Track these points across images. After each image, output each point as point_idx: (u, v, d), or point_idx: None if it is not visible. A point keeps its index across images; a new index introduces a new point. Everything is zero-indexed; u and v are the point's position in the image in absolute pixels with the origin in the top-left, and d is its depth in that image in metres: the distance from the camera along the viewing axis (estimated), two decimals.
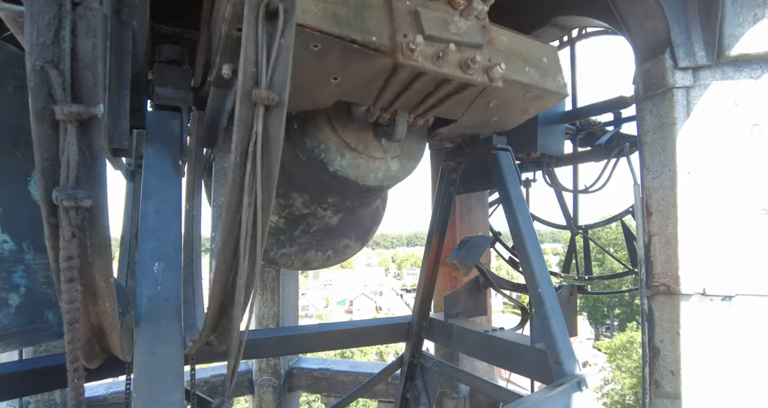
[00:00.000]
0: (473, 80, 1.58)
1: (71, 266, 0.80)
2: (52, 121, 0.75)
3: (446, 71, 1.52)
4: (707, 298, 2.11)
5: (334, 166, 1.91)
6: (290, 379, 4.88)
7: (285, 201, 2.32)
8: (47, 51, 0.72)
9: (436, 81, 1.63)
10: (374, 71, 1.52)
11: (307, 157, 1.94)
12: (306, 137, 1.91)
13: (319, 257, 2.59)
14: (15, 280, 1.33)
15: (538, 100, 1.98)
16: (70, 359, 0.84)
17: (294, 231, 2.41)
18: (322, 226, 2.47)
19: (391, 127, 1.89)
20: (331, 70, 1.47)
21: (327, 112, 1.91)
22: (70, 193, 0.76)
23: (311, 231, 2.46)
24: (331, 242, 2.61)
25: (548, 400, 1.85)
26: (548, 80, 1.91)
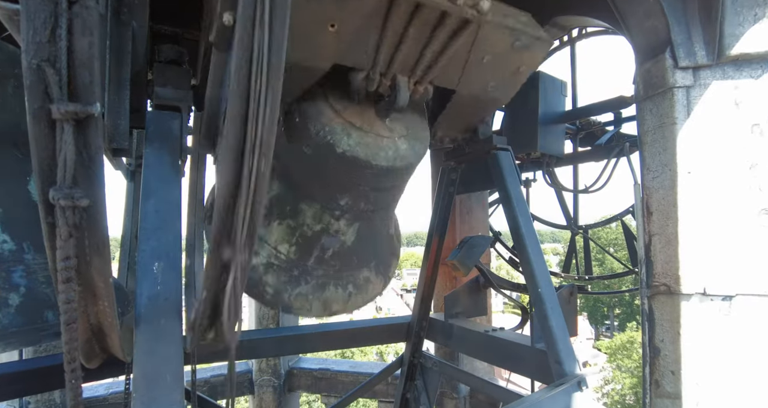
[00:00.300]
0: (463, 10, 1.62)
1: (68, 266, 0.80)
2: (49, 120, 0.75)
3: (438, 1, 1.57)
4: (708, 298, 2.10)
5: (342, 147, 1.85)
6: (290, 379, 4.88)
7: (294, 221, 2.13)
8: (43, 49, 0.72)
9: (432, 19, 1.67)
10: (371, 8, 1.55)
11: (313, 145, 1.89)
12: (309, 124, 1.87)
13: (339, 295, 2.32)
14: (15, 279, 1.33)
15: (528, 51, 2.01)
16: (67, 360, 0.84)
17: (308, 259, 2.19)
18: (338, 249, 2.24)
19: (392, 94, 1.88)
20: (328, 12, 1.48)
21: (326, 97, 1.90)
22: (67, 193, 0.76)
23: (326, 257, 2.22)
24: (350, 273, 2.36)
25: (548, 400, 1.85)
26: (532, 28, 1.97)
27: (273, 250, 2.14)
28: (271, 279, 2.14)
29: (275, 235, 2.15)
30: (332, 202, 2.11)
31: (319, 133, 1.86)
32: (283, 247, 2.14)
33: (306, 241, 2.16)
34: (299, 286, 2.18)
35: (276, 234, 2.15)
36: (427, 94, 2.05)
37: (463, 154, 2.71)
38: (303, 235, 2.15)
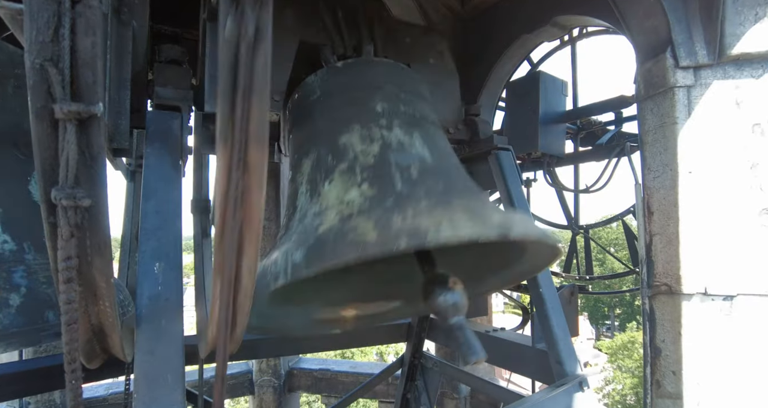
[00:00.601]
0: None
1: (70, 266, 0.80)
2: (52, 119, 0.75)
3: None
4: (709, 298, 2.10)
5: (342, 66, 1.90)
6: (290, 380, 4.88)
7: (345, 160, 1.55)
8: (46, 49, 0.72)
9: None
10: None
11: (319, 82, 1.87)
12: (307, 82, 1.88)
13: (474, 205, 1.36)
14: (15, 280, 1.32)
15: None
16: (68, 360, 0.84)
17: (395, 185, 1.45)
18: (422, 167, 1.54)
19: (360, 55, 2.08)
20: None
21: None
22: (69, 193, 0.76)
23: (415, 177, 1.48)
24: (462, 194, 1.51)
25: (549, 401, 1.85)
26: None
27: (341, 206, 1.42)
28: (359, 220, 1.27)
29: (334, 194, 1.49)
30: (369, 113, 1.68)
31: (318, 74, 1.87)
32: (352, 193, 1.44)
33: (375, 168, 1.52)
34: (409, 207, 1.29)
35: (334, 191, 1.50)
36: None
37: (463, 154, 2.70)
38: (365, 164, 1.53)
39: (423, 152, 1.60)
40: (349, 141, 1.59)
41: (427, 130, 1.74)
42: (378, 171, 1.49)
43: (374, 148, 1.56)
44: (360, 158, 1.54)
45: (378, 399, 4.83)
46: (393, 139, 1.60)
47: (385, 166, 1.51)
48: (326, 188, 1.52)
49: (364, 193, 1.42)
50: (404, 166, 1.51)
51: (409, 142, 1.61)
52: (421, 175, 1.49)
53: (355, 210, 1.36)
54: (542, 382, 2.32)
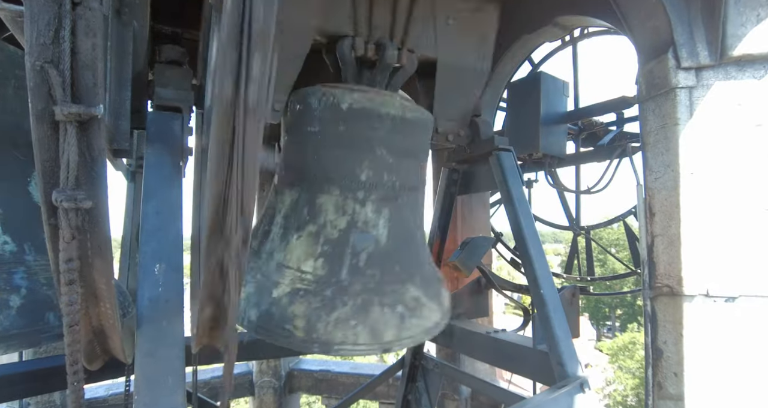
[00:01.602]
0: None
1: (71, 268, 0.80)
2: (52, 121, 0.75)
3: None
4: (710, 300, 2.09)
5: (347, 102, 1.84)
6: (291, 381, 4.87)
7: (315, 224, 1.83)
8: (47, 51, 0.72)
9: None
10: None
11: (318, 117, 1.86)
12: (310, 100, 1.88)
13: (389, 317, 1.80)
14: (16, 281, 1.32)
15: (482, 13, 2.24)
16: (69, 362, 0.84)
17: (340, 271, 1.80)
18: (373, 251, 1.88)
19: (379, 56, 2.01)
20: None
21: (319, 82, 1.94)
22: (70, 195, 0.76)
23: (362, 264, 1.84)
24: (394, 288, 1.91)
25: (550, 402, 1.84)
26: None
27: (297, 273, 1.78)
28: (300, 309, 1.69)
29: (296, 253, 1.82)
30: (352, 180, 1.87)
31: (321, 99, 1.85)
32: (308, 264, 1.79)
33: (334, 247, 1.83)
34: (336, 310, 1.71)
35: (297, 251, 1.82)
36: (412, 63, 2.13)
37: (464, 154, 2.70)
38: (328, 238, 1.83)
39: (382, 234, 1.93)
40: (325, 205, 1.86)
41: (399, 205, 2.01)
42: (336, 250, 1.84)
43: (342, 223, 1.85)
44: (327, 228, 1.84)
45: (379, 400, 4.82)
46: (361, 218, 1.88)
47: (343, 246, 1.85)
48: (294, 241, 1.86)
49: (316, 270, 1.80)
50: (357, 252, 1.86)
51: (374, 222, 1.91)
52: (367, 262, 1.87)
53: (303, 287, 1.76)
54: (543, 384, 2.31)
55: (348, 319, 1.72)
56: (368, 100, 1.88)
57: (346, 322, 1.71)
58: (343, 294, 1.76)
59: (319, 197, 1.86)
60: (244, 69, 0.79)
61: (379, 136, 1.89)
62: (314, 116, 1.86)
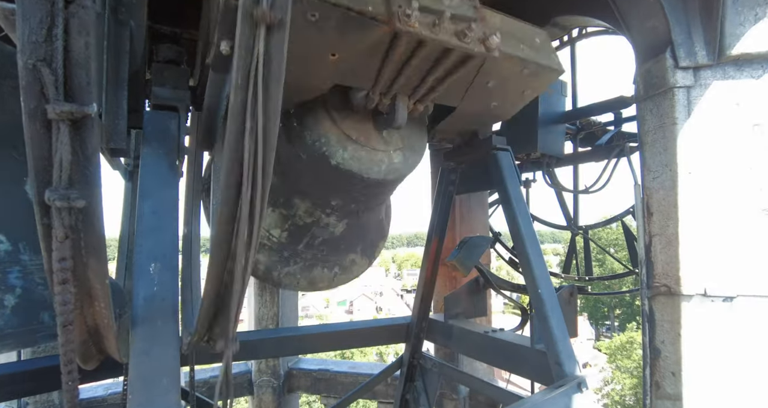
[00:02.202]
0: (470, 49, 1.58)
1: (64, 268, 0.79)
2: (45, 120, 0.74)
3: (443, 38, 1.52)
4: (708, 299, 2.09)
5: (336, 159, 1.87)
6: (290, 380, 4.87)
7: (287, 211, 2.23)
8: (39, 49, 0.71)
9: (434, 54, 1.63)
10: (373, 42, 1.51)
11: (308, 153, 1.91)
12: (306, 132, 1.88)
13: (325, 275, 2.47)
14: (11, 280, 1.32)
15: (535, 78, 1.98)
16: (64, 361, 0.83)
17: (298, 244, 2.31)
18: (328, 237, 2.38)
19: (391, 113, 1.88)
20: (330, 43, 1.46)
21: (325, 105, 1.89)
22: (63, 194, 0.75)
23: (316, 243, 2.36)
24: (338, 258, 2.50)
25: (548, 402, 1.84)
26: (543, 56, 1.93)
27: (266, 232, 2.24)
28: (263, 257, 2.27)
29: (268, 220, 2.24)
30: (324, 201, 2.21)
31: (315, 143, 1.86)
32: (275, 231, 2.24)
33: (297, 229, 2.27)
34: (288, 266, 2.31)
35: (269, 219, 2.24)
36: (427, 112, 2.08)
37: (462, 154, 2.70)
38: (294, 224, 2.25)
39: (336, 231, 2.36)
40: (299, 204, 2.22)
41: (359, 217, 2.40)
42: (299, 231, 2.27)
43: (308, 220, 2.26)
44: (296, 218, 2.24)
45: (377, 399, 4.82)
46: (324, 221, 2.29)
47: (305, 231, 2.28)
48: (268, 211, 2.20)
49: (281, 238, 2.25)
50: (315, 237, 2.32)
51: (333, 225, 2.32)
52: (319, 244, 2.36)
53: (269, 243, 2.24)
54: (541, 383, 2.31)
55: (295, 274, 2.35)
56: (356, 161, 1.91)
57: (293, 275, 2.35)
58: (296, 257, 2.33)
59: (295, 198, 2.20)
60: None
61: (356, 188, 2.09)
62: (306, 149, 1.91)
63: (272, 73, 0.88)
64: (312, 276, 2.42)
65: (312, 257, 2.38)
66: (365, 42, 1.50)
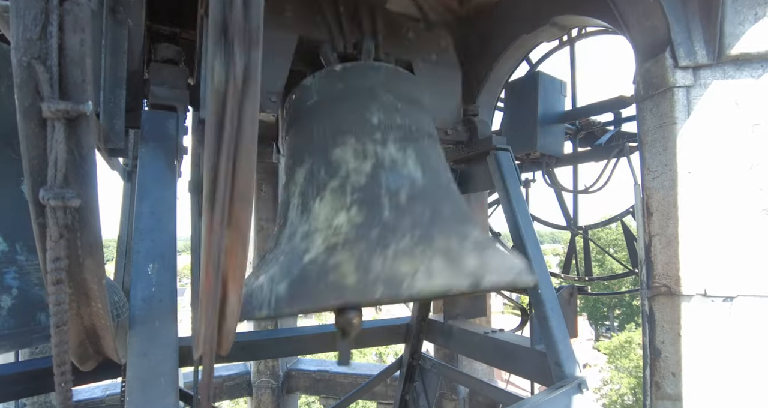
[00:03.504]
0: None
1: (59, 267, 0.78)
2: (39, 118, 0.73)
3: None
4: (708, 299, 2.09)
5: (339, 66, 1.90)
6: (289, 381, 4.86)
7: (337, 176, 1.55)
8: (34, 47, 0.71)
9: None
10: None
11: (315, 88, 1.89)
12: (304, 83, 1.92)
13: (463, 246, 1.39)
14: (7, 281, 1.31)
15: None
16: (57, 363, 0.83)
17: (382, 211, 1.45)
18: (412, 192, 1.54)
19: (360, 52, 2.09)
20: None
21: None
22: (58, 193, 0.75)
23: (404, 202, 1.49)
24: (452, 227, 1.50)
25: (548, 403, 1.83)
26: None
27: (328, 231, 1.44)
28: (342, 256, 1.32)
29: (323, 215, 1.50)
30: (365, 125, 1.68)
31: (315, 76, 1.89)
32: (340, 217, 1.45)
33: (365, 190, 1.52)
34: (392, 244, 1.32)
35: (323, 212, 1.51)
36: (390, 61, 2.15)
37: (462, 154, 2.69)
38: (356, 187, 1.53)
39: (415, 172, 1.62)
40: (342, 156, 1.60)
41: (421, 145, 1.75)
42: (368, 193, 1.51)
43: (366, 167, 1.57)
44: (352, 176, 1.55)
45: (377, 400, 4.82)
46: (386, 157, 1.61)
47: (375, 188, 1.52)
48: (317, 206, 1.53)
49: (352, 220, 1.44)
50: (394, 190, 1.52)
51: (402, 161, 1.63)
52: (410, 201, 1.51)
53: (340, 239, 1.38)
54: (541, 384, 2.30)
55: (412, 249, 1.31)
56: (359, 64, 1.99)
57: (411, 251, 1.30)
58: (395, 230, 1.39)
59: (335, 152, 1.62)
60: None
61: (379, 82, 1.79)
62: (311, 91, 1.87)
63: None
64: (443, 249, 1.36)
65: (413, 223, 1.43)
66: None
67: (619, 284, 21.88)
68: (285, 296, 1.24)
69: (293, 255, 1.40)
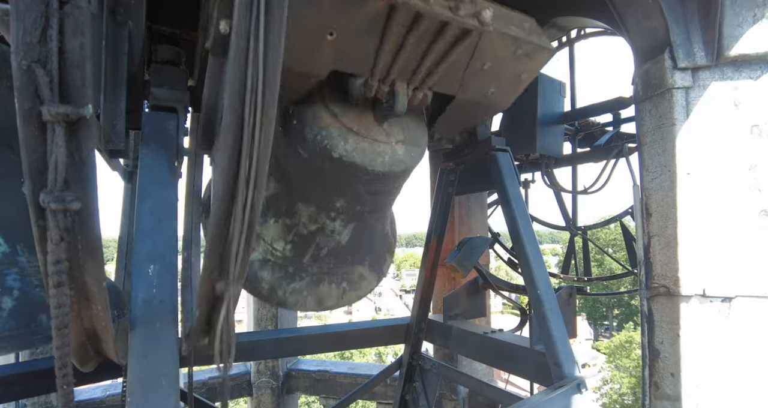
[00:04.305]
0: (465, 22, 1.61)
1: (60, 270, 0.79)
2: (39, 121, 0.74)
3: (438, 11, 1.55)
4: (707, 300, 2.09)
5: (339, 151, 1.84)
6: (289, 381, 4.86)
7: (291, 220, 2.16)
8: (34, 50, 0.71)
9: (431, 29, 1.65)
10: (370, 17, 1.52)
11: (310, 149, 1.88)
12: (306, 127, 1.86)
13: (333, 291, 2.37)
14: (8, 282, 1.31)
15: (529, 59, 2.01)
16: (59, 365, 0.83)
17: (303, 257, 2.22)
18: (333, 247, 2.28)
19: (390, 100, 1.86)
20: (327, 20, 1.46)
21: (324, 101, 1.88)
22: (58, 196, 0.75)
23: (322, 255, 2.26)
24: (345, 271, 2.42)
25: (547, 403, 1.84)
26: (534, 37, 1.97)
27: (269, 247, 2.17)
28: (266, 275, 2.17)
29: (271, 232, 2.18)
30: (328, 204, 2.12)
31: (316, 137, 1.84)
32: (279, 244, 2.18)
33: (302, 240, 2.19)
34: (294, 283, 2.21)
35: (272, 231, 2.18)
36: (426, 100, 2.02)
37: (462, 155, 2.70)
38: (299, 233, 2.17)
39: (343, 239, 2.26)
40: (302, 211, 2.14)
41: (365, 221, 2.29)
42: (303, 242, 2.19)
43: (312, 227, 2.17)
44: (300, 226, 2.16)
45: (376, 400, 4.82)
46: (329, 227, 2.19)
47: (309, 241, 2.20)
48: (270, 224, 2.18)
49: (285, 251, 2.18)
50: (320, 247, 2.22)
51: (338, 231, 2.22)
52: (325, 255, 2.26)
53: (272, 259, 2.17)
54: (540, 384, 2.30)
55: (302, 291, 2.24)
56: (359, 153, 1.88)
57: (300, 292, 2.23)
58: (302, 272, 2.23)
59: (298, 204, 2.13)
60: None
61: (361, 182, 2.02)
62: (307, 145, 1.88)
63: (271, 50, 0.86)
64: (319, 292, 2.33)
65: (318, 271, 2.29)
66: (362, 16, 1.51)
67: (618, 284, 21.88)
68: None
69: None
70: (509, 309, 30.11)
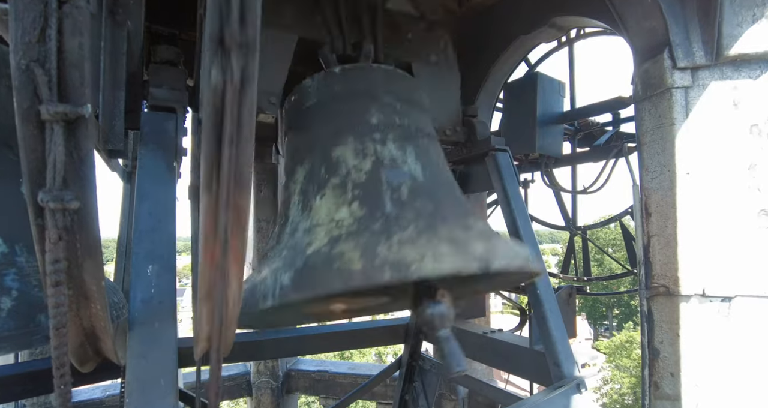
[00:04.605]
0: None
1: (58, 270, 0.79)
2: (38, 121, 0.74)
3: None
4: (707, 300, 2.09)
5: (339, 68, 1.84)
6: (288, 381, 4.86)
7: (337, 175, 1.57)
8: (32, 50, 0.71)
9: None
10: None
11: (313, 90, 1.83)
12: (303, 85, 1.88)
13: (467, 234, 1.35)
14: (7, 283, 1.31)
15: None
16: (56, 365, 0.83)
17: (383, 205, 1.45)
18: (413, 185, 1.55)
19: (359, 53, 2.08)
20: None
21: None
22: (57, 195, 0.75)
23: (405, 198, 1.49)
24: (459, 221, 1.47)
25: (547, 403, 1.84)
26: None
27: (331, 224, 1.45)
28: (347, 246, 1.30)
29: (323, 210, 1.52)
30: (364, 126, 1.68)
31: (314, 78, 1.85)
32: (342, 212, 1.47)
33: (366, 186, 1.52)
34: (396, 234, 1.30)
35: (324, 208, 1.52)
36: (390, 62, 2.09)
37: (461, 155, 2.70)
38: (357, 181, 1.54)
39: (415, 169, 1.62)
40: (342, 155, 1.60)
41: (421, 144, 1.75)
42: (369, 189, 1.50)
43: (366, 165, 1.57)
44: (352, 174, 1.55)
45: (376, 400, 4.82)
46: (386, 155, 1.61)
47: (376, 184, 1.52)
48: (317, 202, 1.54)
49: (354, 213, 1.44)
50: (395, 186, 1.52)
51: (401, 158, 1.63)
52: (411, 195, 1.51)
53: (343, 232, 1.38)
54: (540, 384, 2.30)
55: (417, 237, 1.29)
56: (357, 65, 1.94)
57: (416, 239, 1.28)
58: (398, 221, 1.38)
59: (334, 151, 1.63)
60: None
61: (378, 83, 1.79)
62: (311, 93, 1.83)
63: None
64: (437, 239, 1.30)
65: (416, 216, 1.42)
66: None
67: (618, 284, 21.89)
68: (289, 285, 1.22)
69: (296, 248, 1.41)
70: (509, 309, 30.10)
